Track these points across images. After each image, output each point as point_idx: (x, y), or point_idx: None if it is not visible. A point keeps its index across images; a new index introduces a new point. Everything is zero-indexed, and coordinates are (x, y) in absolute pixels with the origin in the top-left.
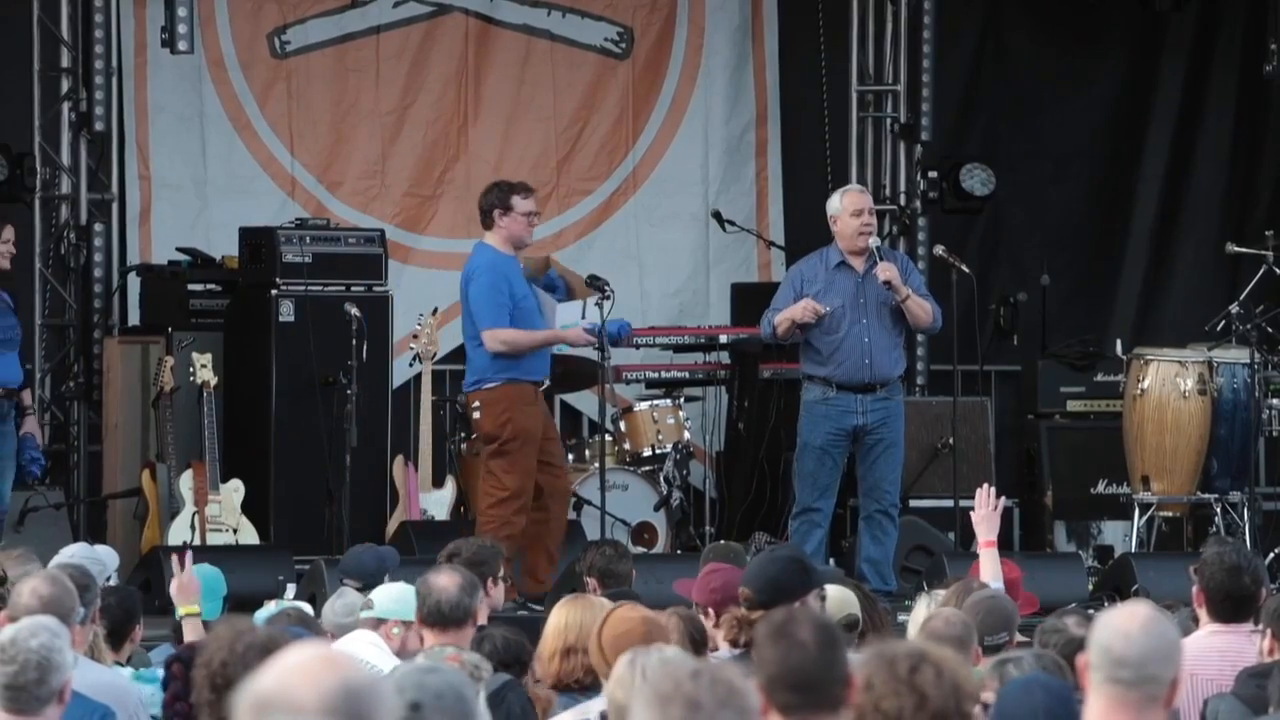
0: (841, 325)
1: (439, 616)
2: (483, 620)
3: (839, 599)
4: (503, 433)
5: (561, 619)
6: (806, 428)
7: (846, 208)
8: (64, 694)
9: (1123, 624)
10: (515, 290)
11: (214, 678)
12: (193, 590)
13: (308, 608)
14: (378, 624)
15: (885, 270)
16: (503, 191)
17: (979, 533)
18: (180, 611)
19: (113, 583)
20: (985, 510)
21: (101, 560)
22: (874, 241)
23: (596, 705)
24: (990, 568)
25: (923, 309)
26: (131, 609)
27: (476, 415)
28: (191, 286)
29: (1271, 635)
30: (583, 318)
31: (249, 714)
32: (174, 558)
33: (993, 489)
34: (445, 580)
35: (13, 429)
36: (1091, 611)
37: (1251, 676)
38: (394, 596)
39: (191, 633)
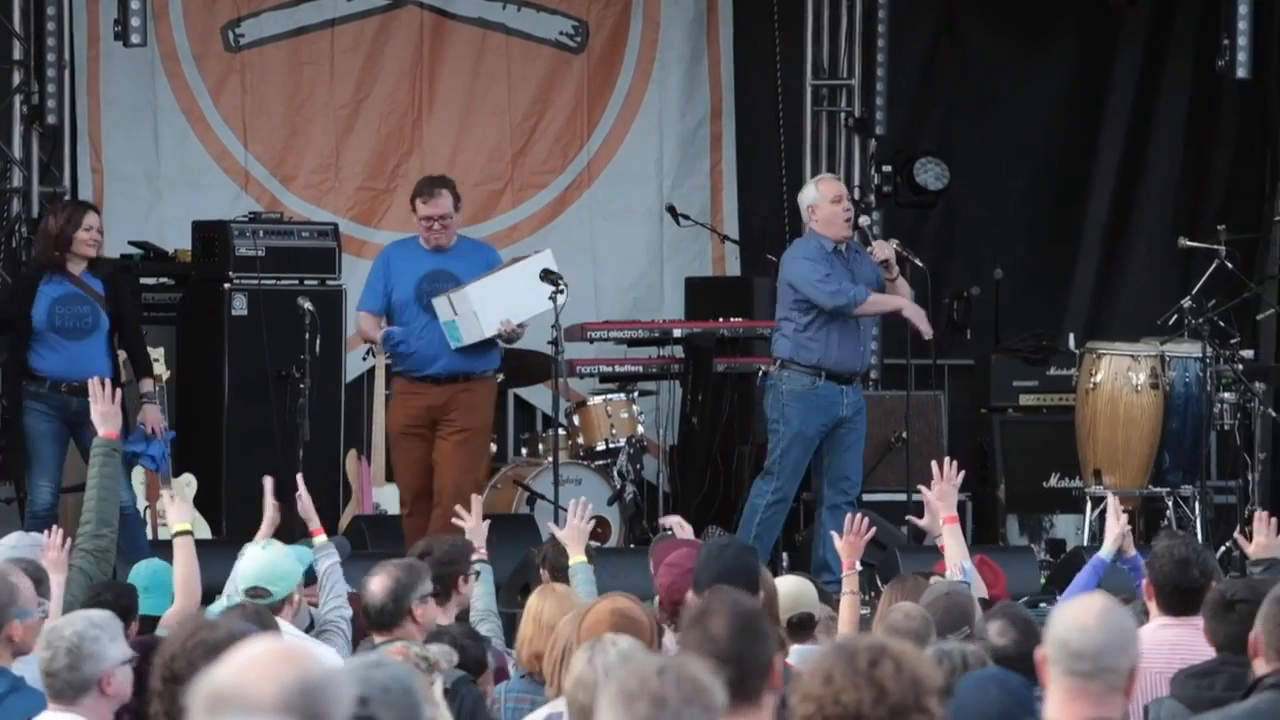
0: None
1: (366, 618)
2: (448, 619)
3: (794, 595)
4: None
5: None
6: (798, 417)
7: (825, 195)
8: (106, 686)
9: (1079, 616)
10: (392, 279)
11: (165, 668)
12: (186, 508)
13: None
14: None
15: (883, 249)
16: (415, 192)
17: (939, 509)
18: (174, 529)
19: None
20: (943, 485)
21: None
22: (864, 220)
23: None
24: (955, 545)
25: (908, 288)
26: (129, 605)
27: None
28: (144, 280)
29: (1207, 630)
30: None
31: (204, 709)
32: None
33: (954, 462)
34: (374, 584)
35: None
36: (1044, 605)
37: (1190, 677)
38: (283, 573)
39: (183, 553)
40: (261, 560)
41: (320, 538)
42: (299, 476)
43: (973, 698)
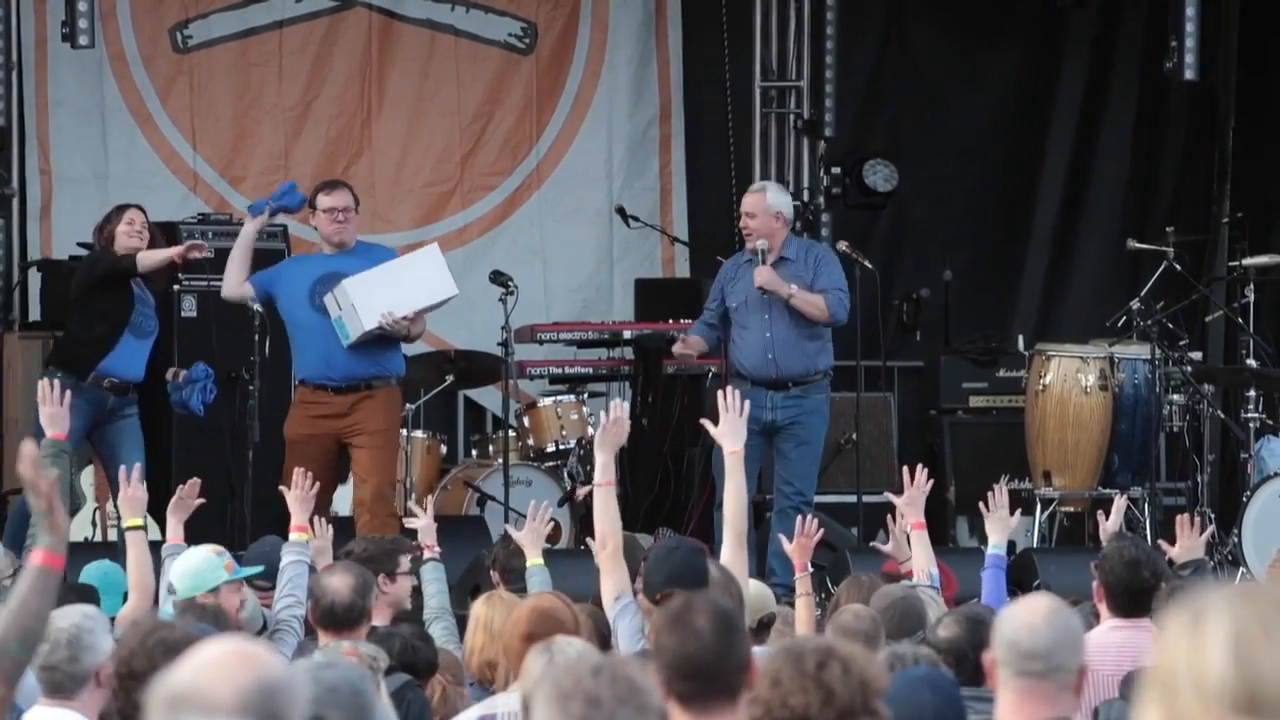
0: (749, 321)
1: (332, 618)
2: (383, 619)
3: (758, 596)
4: None
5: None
6: None
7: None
8: (100, 679)
9: (1027, 617)
10: (279, 282)
11: (123, 665)
12: (140, 501)
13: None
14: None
15: (758, 275)
16: (315, 189)
17: (908, 514)
18: (126, 523)
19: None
20: (912, 491)
21: None
22: (761, 244)
23: (501, 702)
24: (923, 552)
25: (811, 305)
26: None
27: None
28: None
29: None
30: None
31: (161, 711)
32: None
33: (924, 469)
34: (338, 581)
35: (135, 422)
36: (1000, 608)
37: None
38: (191, 572)
39: (136, 548)
40: (190, 563)
41: (298, 535)
42: (299, 471)
43: (904, 700)
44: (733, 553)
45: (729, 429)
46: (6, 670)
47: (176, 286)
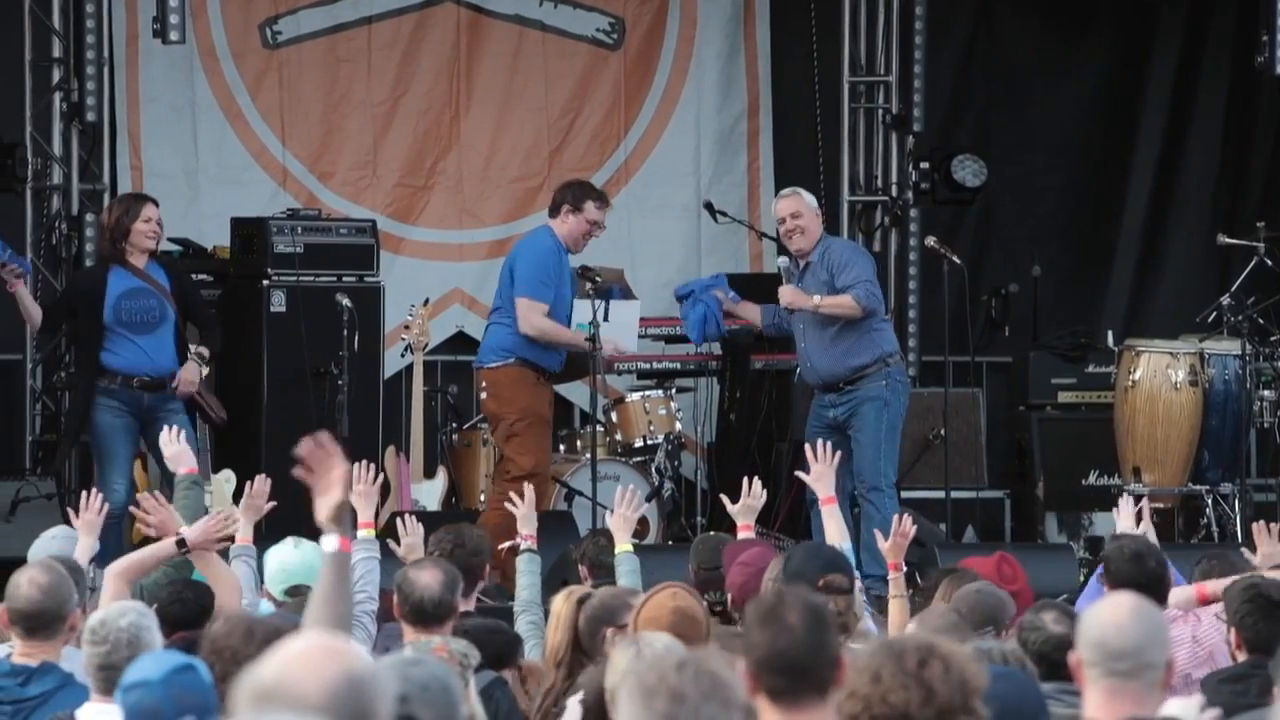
0: (794, 331)
1: (421, 614)
2: (468, 607)
3: None
4: (508, 413)
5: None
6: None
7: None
8: None
9: (1112, 616)
10: (559, 279)
11: (232, 658)
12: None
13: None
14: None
15: (782, 296)
16: (582, 190)
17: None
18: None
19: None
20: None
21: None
22: (782, 262)
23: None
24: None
25: (840, 307)
26: (208, 605)
27: (484, 395)
28: None
29: (1240, 629)
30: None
31: (250, 704)
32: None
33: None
34: (428, 577)
35: (184, 419)
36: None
37: (1223, 682)
38: (296, 567)
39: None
40: (299, 559)
41: (366, 532)
42: (361, 464)
43: (992, 686)
44: None
45: (819, 478)
46: None
47: (266, 282)
